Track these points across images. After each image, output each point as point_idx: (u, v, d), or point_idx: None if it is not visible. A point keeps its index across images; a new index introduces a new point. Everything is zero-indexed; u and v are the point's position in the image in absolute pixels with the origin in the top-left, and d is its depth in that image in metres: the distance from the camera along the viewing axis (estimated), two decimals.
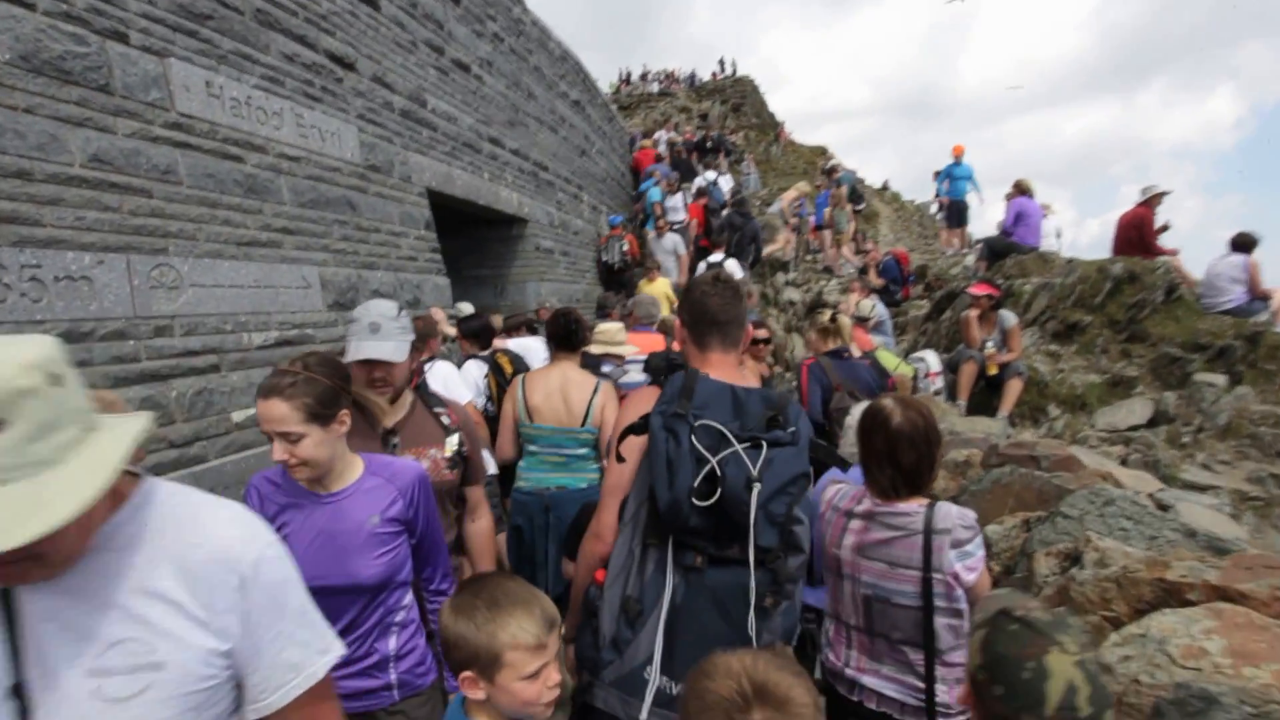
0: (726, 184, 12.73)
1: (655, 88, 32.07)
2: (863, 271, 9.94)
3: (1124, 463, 4.61)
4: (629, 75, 33.74)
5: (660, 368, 2.32)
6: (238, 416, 2.94)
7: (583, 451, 2.97)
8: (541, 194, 7.82)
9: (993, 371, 5.34)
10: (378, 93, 4.59)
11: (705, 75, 32.99)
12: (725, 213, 11.79)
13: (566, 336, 3.13)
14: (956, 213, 11.15)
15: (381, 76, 4.65)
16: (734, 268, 9.82)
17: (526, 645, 1.12)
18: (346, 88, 4.25)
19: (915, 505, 1.61)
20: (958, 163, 10.81)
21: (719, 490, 1.31)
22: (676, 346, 2.02)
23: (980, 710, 1.04)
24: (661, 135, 16.46)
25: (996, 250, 8.02)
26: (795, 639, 1.49)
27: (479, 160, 6.23)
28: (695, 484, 1.31)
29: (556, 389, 2.95)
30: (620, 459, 1.52)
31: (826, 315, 3.68)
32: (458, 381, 3.78)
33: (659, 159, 13.79)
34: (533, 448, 3.00)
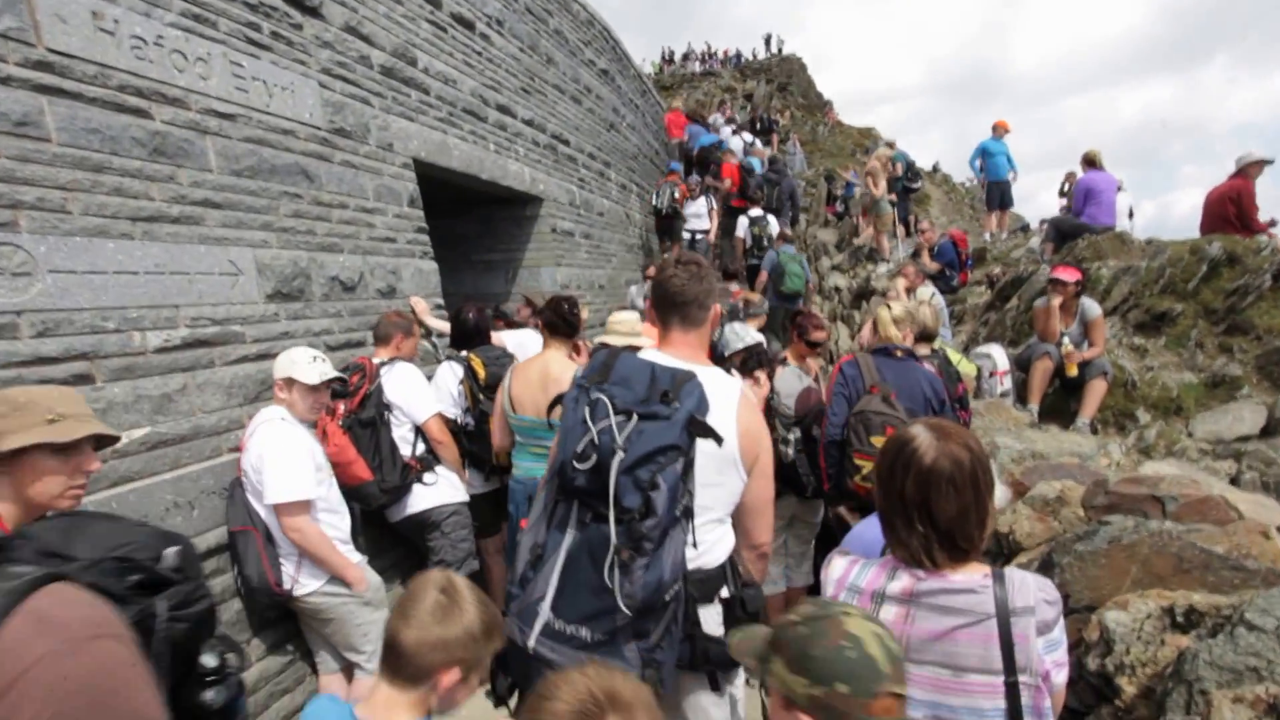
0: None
1: (697, 67, 31.09)
2: (915, 255, 8.95)
3: (1235, 481, 3.76)
4: (671, 55, 32.79)
5: None
6: (122, 440, 2.29)
7: None
8: (560, 170, 7.08)
9: (1072, 372, 4.47)
10: (350, 45, 3.90)
11: (750, 55, 31.89)
12: (761, 171, 11.07)
13: (559, 324, 3.02)
14: (999, 193, 10.11)
15: (356, 26, 3.95)
16: (774, 224, 9.10)
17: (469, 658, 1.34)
18: (307, 36, 3.56)
19: (978, 576, 1.22)
20: (997, 138, 9.81)
21: (594, 456, 1.49)
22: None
23: None
24: (718, 119, 15.51)
25: (1065, 232, 7.17)
26: (669, 597, 1.53)
27: (483, 129, 5.51)
28: (579, 449, 1.51)
29: (536, 379, 2.90)
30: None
31: (896, 308, 2.85)
32: (421, 390, 3.08)
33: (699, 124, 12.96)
34: (519, 438, 3.03)
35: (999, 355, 4.57)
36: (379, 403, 3.04)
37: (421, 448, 3.19)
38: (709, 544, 1.67)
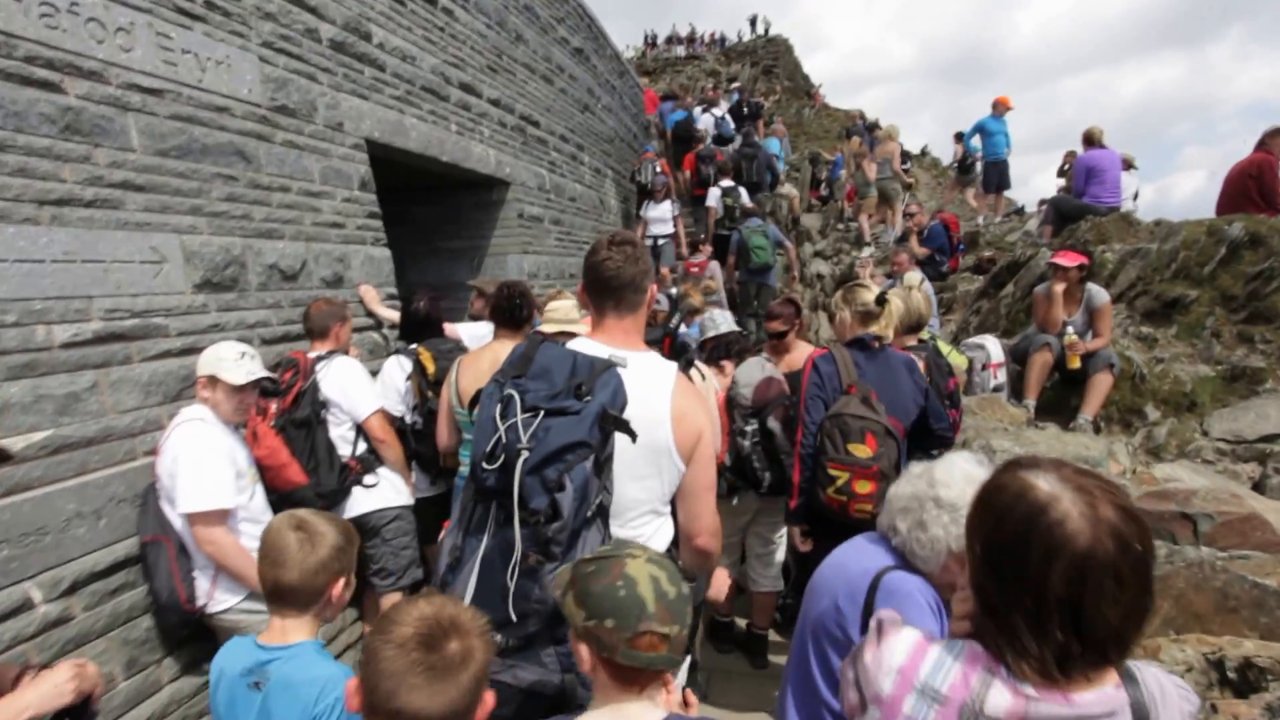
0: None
1: (681, 51, 30.70)
2: (903, 239, 8.84)
3: (1259, 487, 3.53)
4: (654, 38, 32.31)
5: None
6: (18, 443, 2.12)
7: None
8: (529, 153, 6.87)
9: (1075, 365, 4.18)
10: (295, 17, 3.68)
11: (736, 37, 31.50)
12: (733, 148, 11.05)
13: (510, 313, 2.92)
14: (996, 174, 9.74)
15: None
16: (746, 195, 9.20)
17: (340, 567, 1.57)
18: (247, 6, 3.34)
19: (1109, 689, 0.89)
20: (997, 116, 9.46)
21: (502, 456, 1.44)
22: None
23: (606, 667, 1.13)
24: (705, 118, 15.16)
25: (1065, 213, 6.83)
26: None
27: (444, 109, 5.30)
28: (487, 449, 1.46)
29: (486, 372, 2.62)
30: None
31: (870, 293, 2.71)
32: (361, 385, 2.93)
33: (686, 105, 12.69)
34: (466, 435, 2.84)
35: (993, 347, 4.42)
36: (314, 400, 2.88)
37: (362, 447, 3.04)
38: (644, 538, 1.63)
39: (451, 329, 3.90)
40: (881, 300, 2.64)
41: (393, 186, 6.30)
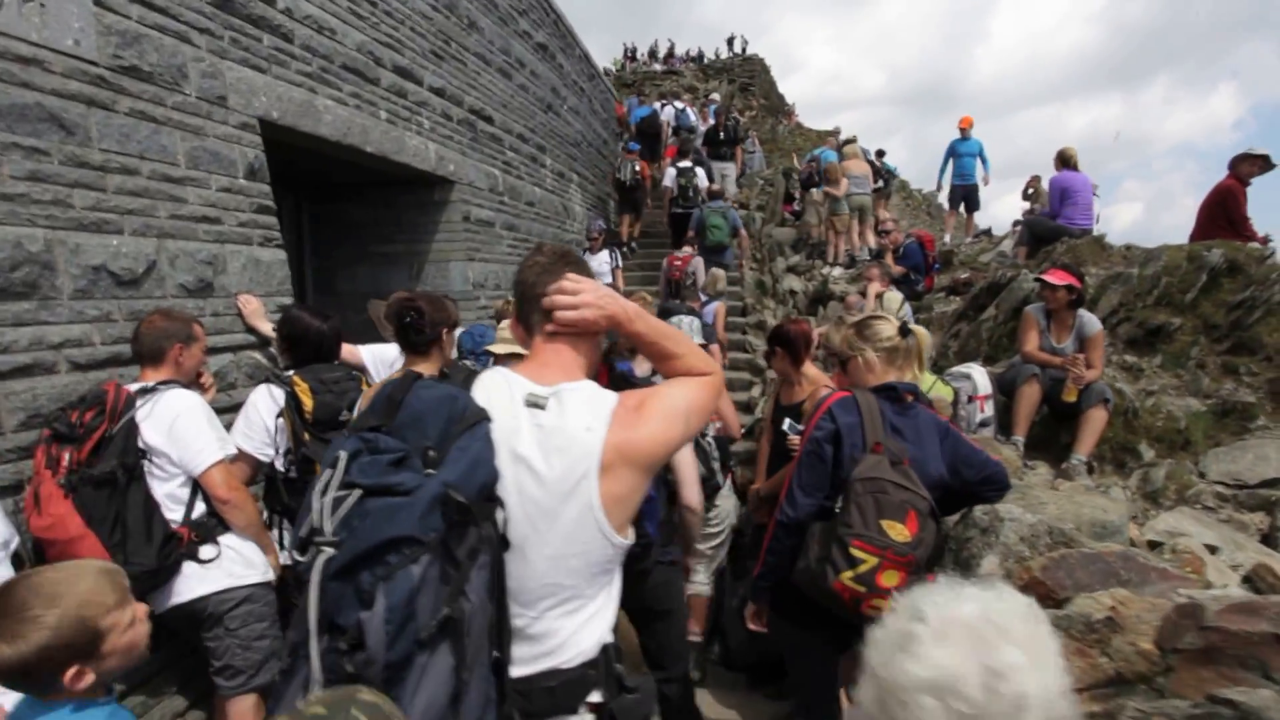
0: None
1: (658, 67, 30.62)
2: (878, 255, 8.33)
3: (1268, 540, 3.29)
4: (634, 51, 32.13)
5: None
6: None
7: None
8: (479, 150, 6.18)
9: (1072, 398, 3.76)
10: None
11: (714, 55, 31.52)
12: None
13: (403, 333, 2.44)
14: (963, 195, 9.71)
15: None
16: (702, 176, 9.29)
17: (110, 606, 1.24)
18: None
19: None
20: (965, 137, 9.41)
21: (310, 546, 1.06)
22: None
23: None
24: (667, 110, 14.54)
25: (1040, 234, 6.71)
26: None
27: (372, 93, 4.59)
28: (302, 534, 1.08)
29: None
30: None
31: (890, 325, 2.06)
32: (196, 427, 2.18)
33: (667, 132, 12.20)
34: None
35: (979, 377, 3.89)
36: (126, 449, 2.13)
37: (202, 508, 2.29)
38: (567, 633, 1.25)
39: (352, 351, 3.17)
40: (906, 331, 1.98)
41: (316, 182, 5.56)
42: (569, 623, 1.25)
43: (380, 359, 3.22)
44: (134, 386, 2.26)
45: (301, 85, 3.88)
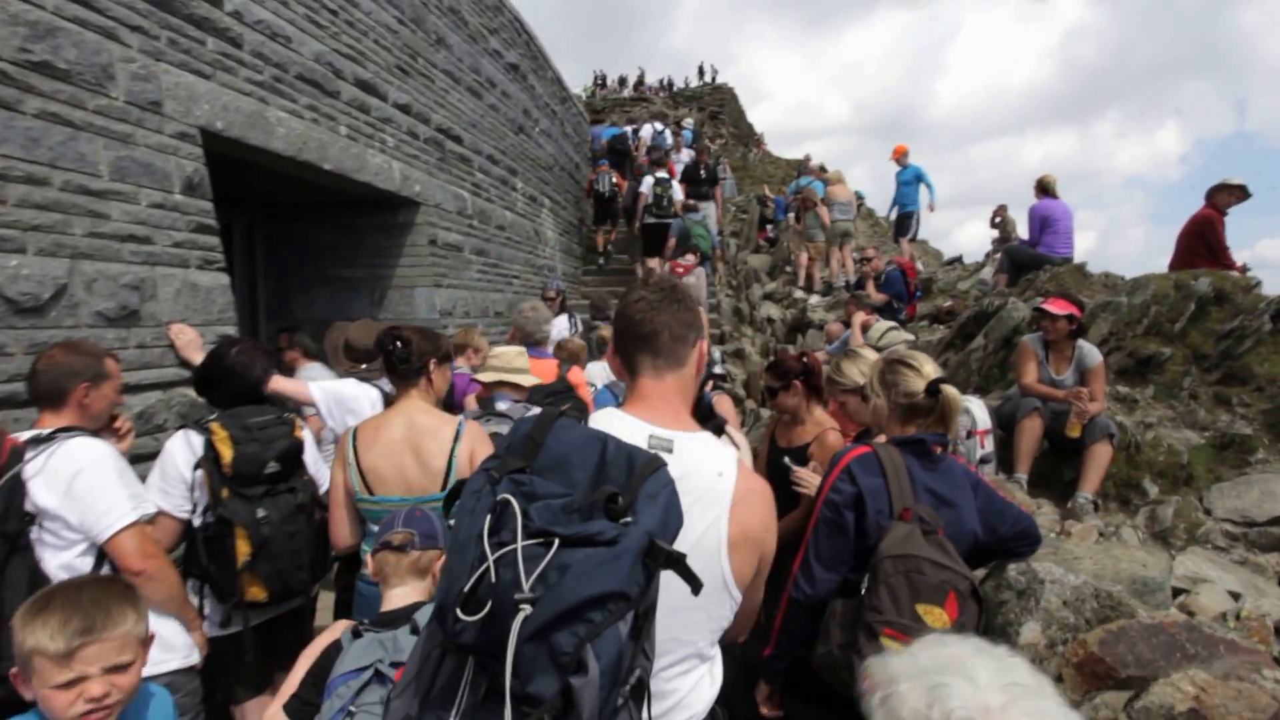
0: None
1: (627, 94, 30.95)
2: (858, 286, 8.18)
3: None
4: (604, 79, 32.41)
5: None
6: None
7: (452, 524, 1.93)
8: (447, 170, 5.87)
9: (1076, 434, 3.58)
10: None
11: (683, 83, 31.99)
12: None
13: (391, 365, 2.29)
14: (899, 222, 9.83)
15: None
16: (678, 188, 9.36)
17: (48, 653, 1.16)
18: None
19: None
20: (902, 166, 9.54)
21: (489, 602, 0.91)
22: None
23: None
24: (646, 129, 14.40)
25: (1020, 262, 6.66)
26: None
27: (330, 107, 4.27)
28: (465, 587, 0.92)
29: (400, 440, 2.19)
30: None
31: (919, 377, 1.77)
32: (104, 484, 1.82)
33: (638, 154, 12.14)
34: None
35: (979, 411, 3.66)
36: (7, 512, 1.74)
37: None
38: (683, 692, 1.22)
39: (299, 387, 2.80)
40: (934, 389, 1.70)
41: (276, 202, 5.20)
42: (684, 682, 1.22)
43: (335, 397, 2.85)
44: (25, 435, 1.87)
45: (251, 95, 3.55)
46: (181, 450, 2.16)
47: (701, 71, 32.66)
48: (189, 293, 2.92)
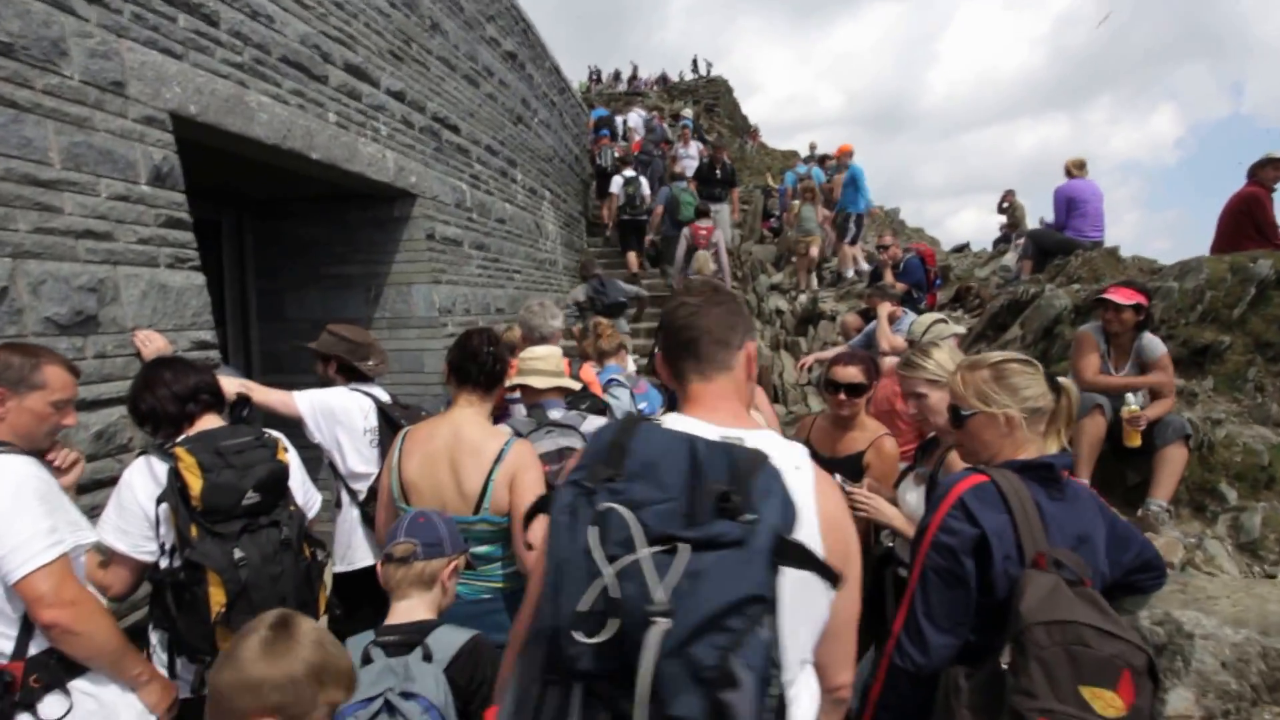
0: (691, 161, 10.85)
1: (622, 88, 30.66)
2: (874, 275, 7.87)
3: None
4: (599, 73, 32.08)
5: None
6: None
7: (483, 550, 2.07)
8: (444, 161, 5.56)
9: (1134, 443, 3.23)
10: None
11: (678, 77, 31.70)
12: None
13: (464, 368, 2.14)
14: (839, 225, 9.48)
15: None
16: (645, 185, 9.13)
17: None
18: None
19: None
20: (840, 166, 9.52)
21: (615, 621, 0.86)
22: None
23: None
24: (637, 118, 14.08)
25: (1046, 247, 6.40)
26: None
27: (318, 92, 3.95)
28: (583, 607, 0.87)
29: (442, 453, 2.06)
30: (529, 547, 1.54)
31: (1036, 379, 1.48)
32: (19, 514, 1.50)
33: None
34: None
35: None
36: None
37: (41, 643, 1.59)
38: (789, 702, 1.05)
39: (285, 400, 2.50)
40: (1057, 388, 1.40)
41: (264, 196, 4.88)
42: (789, 691, 1.11)
43: (323, 409, 2.55)
44: None
45: (229, 77, 3.24)
46: (142, 481, 1.85)
47: (695, 65, 32.32)
48: (157, 295, 2.61)
